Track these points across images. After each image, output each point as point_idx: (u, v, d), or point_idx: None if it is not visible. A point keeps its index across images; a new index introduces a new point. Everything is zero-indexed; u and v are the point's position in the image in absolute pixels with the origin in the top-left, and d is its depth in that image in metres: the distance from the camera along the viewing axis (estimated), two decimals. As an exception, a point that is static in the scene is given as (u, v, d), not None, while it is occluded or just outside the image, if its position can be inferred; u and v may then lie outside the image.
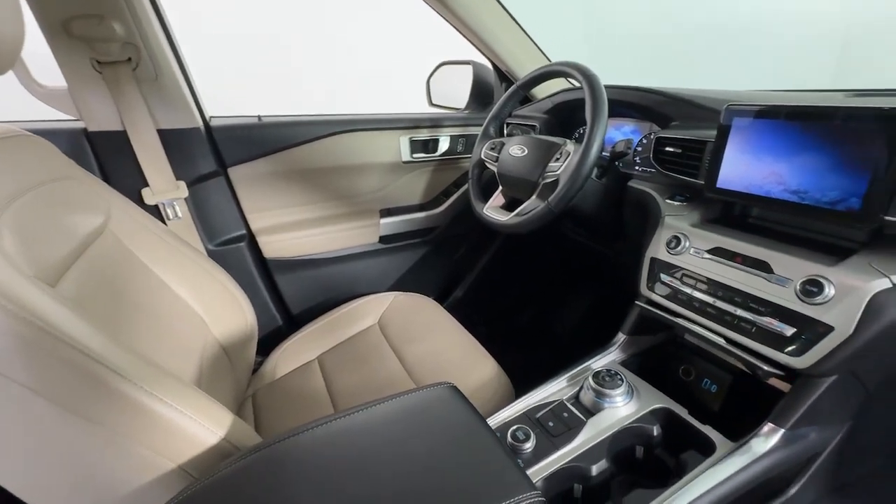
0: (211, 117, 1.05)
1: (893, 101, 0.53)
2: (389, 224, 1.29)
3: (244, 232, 1.13)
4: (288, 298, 1.23)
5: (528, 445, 0.62)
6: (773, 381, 0.66)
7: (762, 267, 0.63)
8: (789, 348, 0.58)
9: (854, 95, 0.79)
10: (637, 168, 0.93)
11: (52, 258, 0.54)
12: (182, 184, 1.00)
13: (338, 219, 1.23)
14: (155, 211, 0.99)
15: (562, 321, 1.61)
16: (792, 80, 1.10)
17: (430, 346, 0.96)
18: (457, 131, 1.31)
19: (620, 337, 0.82)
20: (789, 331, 0.58)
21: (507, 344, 1.13)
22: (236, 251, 1.12)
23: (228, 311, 0.92)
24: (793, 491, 0.67)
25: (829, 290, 0.55)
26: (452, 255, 1.47)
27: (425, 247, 1.39)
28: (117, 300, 0.66)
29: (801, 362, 0.57)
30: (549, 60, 1.25)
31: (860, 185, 0.55)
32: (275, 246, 1.17)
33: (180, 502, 0.44)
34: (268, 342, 1.12)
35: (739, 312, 0.64)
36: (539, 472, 0.59)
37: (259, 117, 1.09)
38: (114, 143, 0.93)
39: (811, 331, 0.56)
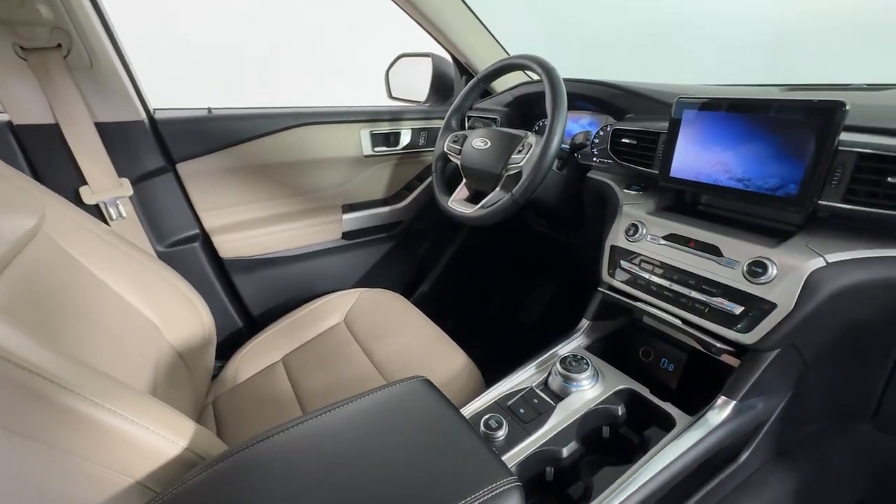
0: (155, 109, 0.98)
1: (822, 95, 0.58)
2: (352, 220, 1.27)
3: (197, 231, 1.07)
4: (248, 300, 1.18)
5: (501, 433, 0.63)
6: (724, 358, 0.71)
7: (712, 251, 0.67)
8: (738, 326, 0.62)
9: (788, 90, 0.86)
10: (595, 159, 0.97)
11: None
12: (125, 181, 0.93)
13: (298, 215, 1.20)
14: (95, 211, 0.91)
15: (528, 311, 1.65)
16: (730, 77, 1.17)
17: (398, 342, 0.95)
18: (418, 124, 1.30)
19: (584, 323, 0.84)
20: (738, 309, 0.62)
21: (475, 336, 1.14)
22: (189, 252, 1.06)
23: (183, 316, 0.87)
24: (743, 457, 0.72)
25: (772, 270, 0.60)
26: (417, 250, 1.47)
27: (389, 242, 1.38)
28: (56, 308, 0.60)
29: (749, 338, 0.61)
30: (508, 54, 1.26)
31: (797, 172, 0.60)
32: (231, 245, 1.12)
33: None
34: (228, 346, 1.07)
35: (693, 294, 0.68)
36: (513, 458, 0.61)
37: (209, 109, 1.03)
38: (45, 137, 0.85)
39: (757, 308, 0.61)
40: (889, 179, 0.53)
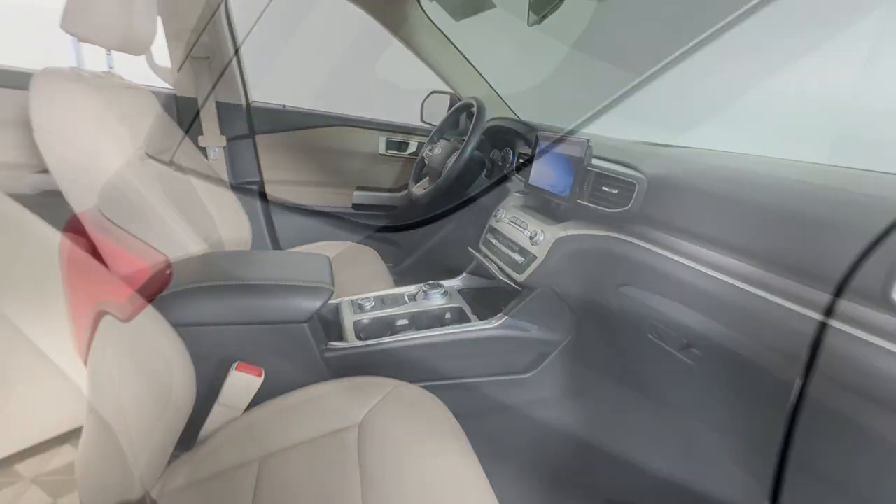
0: (253, 101, 1.60)
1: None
2: (362, 196, 1.78)
3: (258, 178, 1.65)
4: (278, 227, 1.73)
5: (369, 307, 1.05)
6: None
7: (524, 226, 1.03)
8: (519, 270, 0.98)
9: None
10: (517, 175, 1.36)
11: None
12: (224, 138, 1.54)
13: (323, 184, 1.73)
14: (203, 151, 1.53)
15: None
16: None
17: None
18: (425, 139, 1.79)
19: (462, 274, 1.23)
20: (520, 259, 0.98)
21: None
22: (250, 190, 1.64)
23: (233, 223, 1.41)
24: (528, 375, 1.04)
25: (541, 237, 0.96)
26: (409, 231, 1.92)
27: (387, 220, 1.86)
28: (185, 192, 1.17)
29: (521, 278, 0.97)
30: (488, 83, 1.70)
31: (569, 180, 0.96)
32: (276, 192, 1.68)
33: None
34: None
35: (508, 252, 1.04)
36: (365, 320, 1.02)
37: (283, 105, 1.63)
38: (188, 105, 1.48)
39: (528, 258, 0.96)
40: (603, 188, 0.88)
